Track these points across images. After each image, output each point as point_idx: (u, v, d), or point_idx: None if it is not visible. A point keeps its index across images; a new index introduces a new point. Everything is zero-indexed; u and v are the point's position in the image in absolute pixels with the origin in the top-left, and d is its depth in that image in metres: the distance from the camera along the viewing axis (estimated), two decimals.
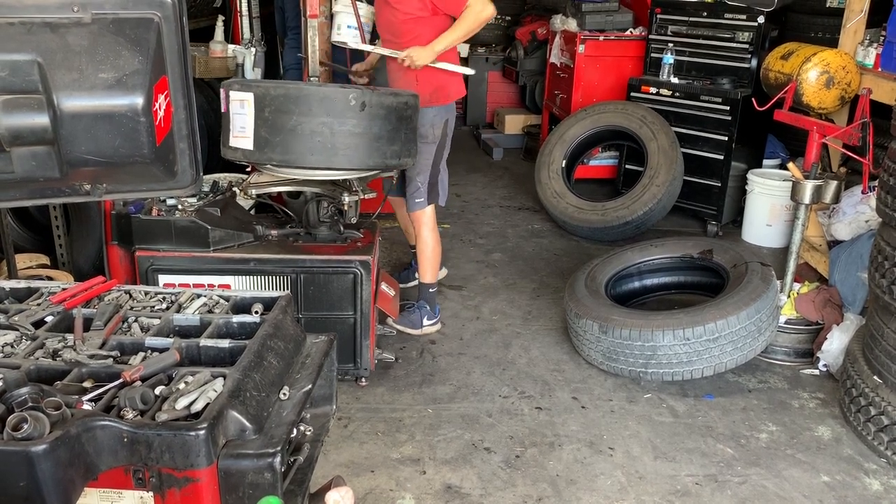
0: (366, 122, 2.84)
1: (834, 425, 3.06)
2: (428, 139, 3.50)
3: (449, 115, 3.57)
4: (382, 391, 3.21)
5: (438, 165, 3.61)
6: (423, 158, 3.51)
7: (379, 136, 2.88)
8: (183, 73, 1.44)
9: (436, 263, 3.69)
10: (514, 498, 2.59)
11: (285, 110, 2.76)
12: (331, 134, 2.80)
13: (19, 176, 1.33)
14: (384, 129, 2.89)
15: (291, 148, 2.80)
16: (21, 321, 1.64)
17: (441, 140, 3.56)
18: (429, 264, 3.67)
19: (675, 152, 4.90)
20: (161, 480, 1.32)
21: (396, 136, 2.94)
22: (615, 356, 3.27)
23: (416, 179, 3.55)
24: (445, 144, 3.62)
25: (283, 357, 1.64)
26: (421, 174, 3.55)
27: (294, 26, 5.04)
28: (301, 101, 2.77)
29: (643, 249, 3.90)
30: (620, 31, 5.90)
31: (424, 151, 3.51)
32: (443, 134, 3.56)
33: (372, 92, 2.88)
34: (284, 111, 2.76)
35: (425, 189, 3.57)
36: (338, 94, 2.82)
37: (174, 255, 2.97)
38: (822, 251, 4.06)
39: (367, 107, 2.81)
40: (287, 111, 2.76)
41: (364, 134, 2.84)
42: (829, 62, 3.99)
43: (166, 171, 1.45)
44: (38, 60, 1.27)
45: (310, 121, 2.77)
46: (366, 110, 2.81)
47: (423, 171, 3.54)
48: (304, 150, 2.81)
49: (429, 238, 3.64)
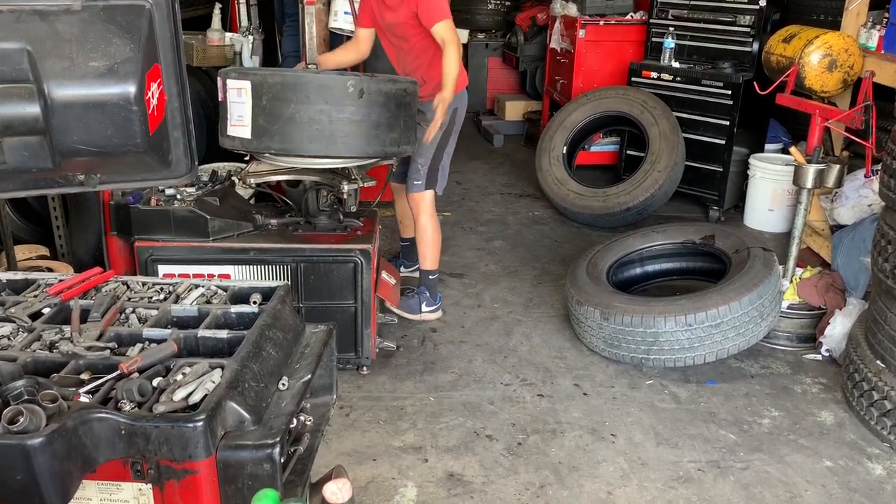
0: (364, 110, 2.81)
1: (837, 410, 3.05)
2: None
3: (458, 104, 3.56)
4: (384, 379, 3.21)
5: (443, 151, 3.59)
6: (429, 142, 3.50)
7: (378, 123, 2.86)
8: (176, 60, 1.42)
9: (436, 250, 3.68)
10: (517, 485, 2.59)
11: (283, 98, 2.74)
12: (329, 122, 2.77)
13: (11, 167, 1.31)
14: (383, 117, 2.87)
15: (289, 136, 2.78)
16: (18, 313, 1.63)
17: (449, 126, 3.55)
18: (428, 251, 3.65)
19: (676, 137, 4.87)
20: (159, 472, 1.32)
21: (395, 123, 2.92)
22: (617, 343, 3.26)
23: (417, 161, 3.54)
24: (452, 131, 3.60)
25: (281, 347, 1.63)
26: (422, 156, 3.53)
27: (292, 13, 5.01)
28: (298, 89, 2.74)
29: (645, 235, 3.88)
30: (621, 16, 5.86)
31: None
32: (451, 121, 3.54)
33: (370, 79, 2.86)
34: (282, 99, 2.74)
35: (424, 172, 3.55)
36: (335, 82, 2.80)
37: (174, 245, 2.96)
38: (824, 236, 4.04)
39: (364, 94, 2.79)
40: (285, 99, 2.74)
41: (362, 122, 2.82)
42: (832, 45, 3.95)
43: (160, 161, 1.44)
44: (28, 49, 1.25)
45: (308, 109, 2.75)
46: (364, 97, 2.79)
47: (424, 153, 3.52)
48: (302, 138, 2.79)
49: (427, 224, 3.63)
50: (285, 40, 5.18)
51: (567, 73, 6.07)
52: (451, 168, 3.81)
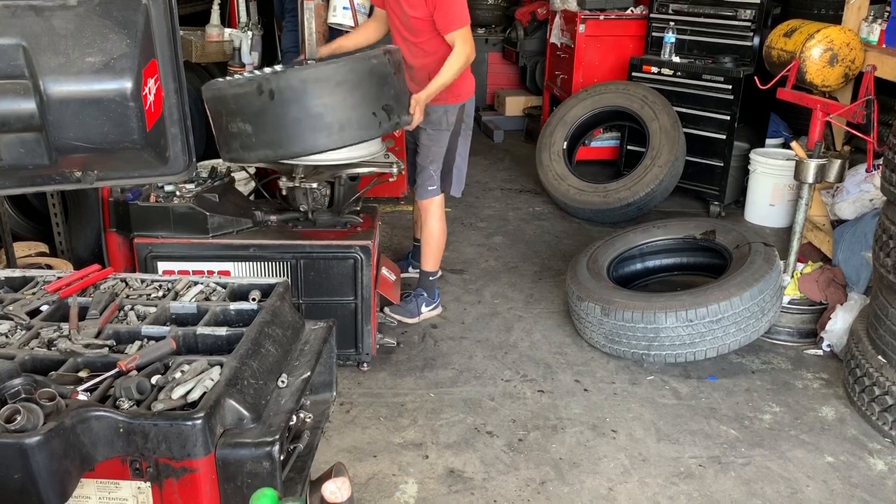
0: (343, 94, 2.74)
1: (838, 406, 3.05)
2: (441, 126, 3.43)
3: (466, 103, 3.49)
4: (384, 376, 3.20)
5: (454, 153, 3.52)
6: (437, 146, 3.45)
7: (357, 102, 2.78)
8: (173, 55, 1.41)
9: (439, 253, 3.66)
10: (517, 481, 2.59)
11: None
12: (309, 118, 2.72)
13: (7, 163, 1.31)
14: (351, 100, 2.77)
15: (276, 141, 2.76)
16: (16, 310, 1.62)
17: (456, 126, 3.48)
18: (432, 253, 3.63)
19: (676, 132, 4.86)
20: (158, 470, 1.31)
21: (382, 94, 2.83)
22: (618, 338, 3.25)
23: (429, 168, 3.48)
24: (461, 131, 3.52)
25: (281, 344, 1.63)
26: (434, 162, 3.48)
27: (291, 9, 4.99)
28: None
29: (645, 231, 3.87)
30: (621, 10, 5.84)
31: (438, 139, 3.44)
32: (458, 120, 3.47)
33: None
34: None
35: (438, 177, 3.50)
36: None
37: (173, 241, 2.95)
38: (825, 231, 4.03)
39: (277, 94, 2.67)
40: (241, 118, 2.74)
41: (318, 115, 2.73)
42: (833, 39, 3.93)
43: (158, 157, 1.43)
44: (23, 45, 1.24)
45: (285, 111, 2.70)
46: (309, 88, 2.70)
47: (436, 159, 3.48)
48: (294, 137, 2.75)
49: (436, 228, 3.59)
50: (285, 36, 5.16)
51: (567, 68, 6.05)
52: None
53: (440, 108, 3.40)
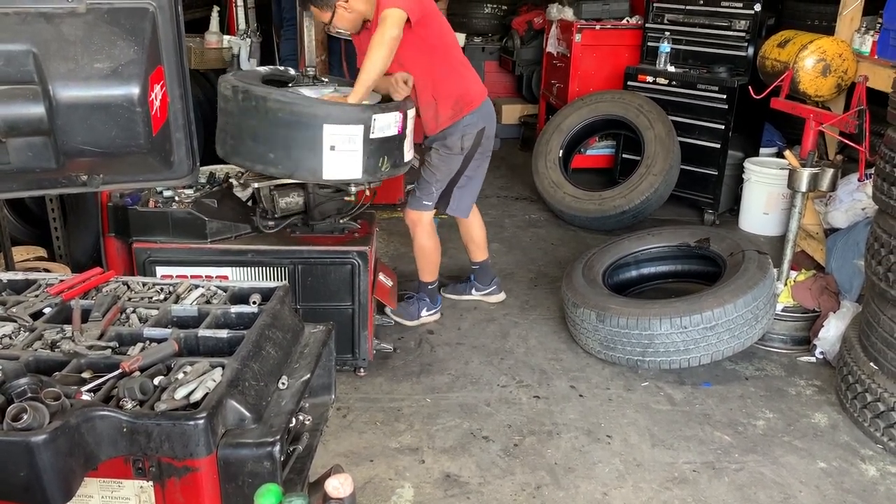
0: None
1: (830, 412, 3.07)
2: (453, 150, 3.35)
3: (486, 123, 3.35)
4: (381, 381, 3.22)
5: (461, 175, 3.43)
6: (446, 166, 3.38)
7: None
8: (179, 62, 1.44)
9: (434, 265, 3.65)
10: (513, 486, 2.60)
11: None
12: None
13: (15, 167, 1.33)
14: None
15: None
16: (19, 312, 1.64)
17: (471, 150, 3.35)
18: (427, 266, 3.64)
19: (671, 141, 4.90)
20: (161, 470, 1.33)
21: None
22: (613, 345, 3.28)
23: (432, 184, 3.42)
24: (475, 155, 3.39)
25: (281, 347, 1.65)
26: (440, 181, 3.41)
27: (290, 17, 5.02)
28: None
29: (640, 238, 3.90)
30: (617, 20, 5.88)
31: (449, 161, 3.38)
32: (474, 144, 3.34)
33: None
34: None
35: (437, 195, 3.45)
36: None
37: (171, 246, 2.96)
38: (818, 239, 4.07)
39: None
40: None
41: None
42: (826, 50, 3.98)
43: (163, 162, 1.45)
44: (33, 50, 1.26)
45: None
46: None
47: (442, 178, 3.40)
48: None
49: (426, 243, 3.56)
50: (283, 44, 5.20)
51: (563, 77, 6.09)
52: None
53: (461, 124, 3.30)
